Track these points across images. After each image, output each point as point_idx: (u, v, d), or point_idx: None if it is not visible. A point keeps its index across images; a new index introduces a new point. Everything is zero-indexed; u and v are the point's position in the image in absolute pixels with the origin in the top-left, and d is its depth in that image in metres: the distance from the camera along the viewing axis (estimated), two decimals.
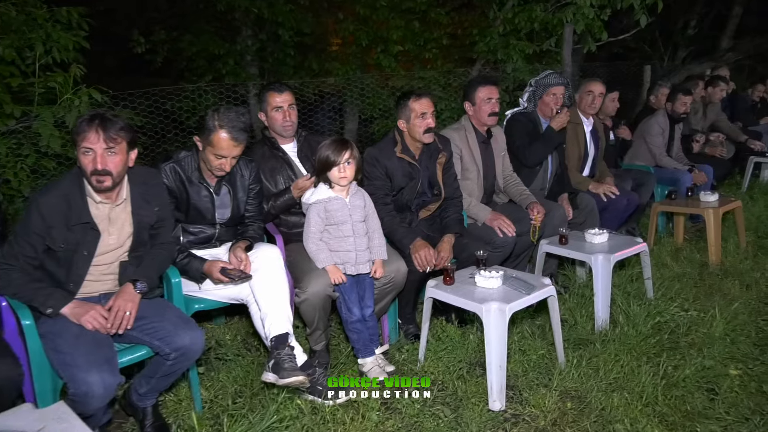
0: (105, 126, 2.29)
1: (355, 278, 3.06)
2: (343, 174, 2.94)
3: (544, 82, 4.25)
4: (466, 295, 2.89)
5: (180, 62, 8.89)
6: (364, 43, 8.64)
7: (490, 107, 3.77)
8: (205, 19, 8.84)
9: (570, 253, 3.64)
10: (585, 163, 4.73)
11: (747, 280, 4.14)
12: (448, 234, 3.47)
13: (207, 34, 8.57)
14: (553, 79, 4.24)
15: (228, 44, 8.58)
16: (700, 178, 5.39)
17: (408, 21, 8.83)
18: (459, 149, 3.79)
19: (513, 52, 7.79)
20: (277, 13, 8.38)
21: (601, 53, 11.90)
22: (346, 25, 8.68)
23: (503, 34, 7.95)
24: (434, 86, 8.28)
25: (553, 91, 4.24)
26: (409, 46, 8.97)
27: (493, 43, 8.08)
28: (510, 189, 4.09)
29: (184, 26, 8.74)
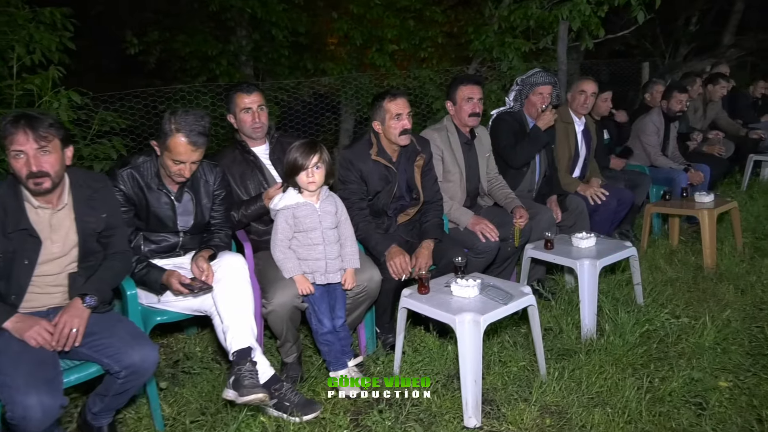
0: (32, 125, 2.13)
1: (325, 288, 2.90)
2: (312, 179, 2.78)
3: (530, 80, 4.08)
4: (441, 306, 2.73)
5: (174, 63, 8.77)
6: (358, 42, 8.47)
7: (470, 107, 3.60)
8: (199, 20, 8.70)
9: (555, 258, 3.47)
10: (575, 164, 4.55)
11: (742, 284, 3.94)
12: (427, 240, 3.30)
13: (201, 34, 8.43)
14: (541, 77, 4.06)
15: (222, 44, 8.43)
16: (696, 177, 5.19)
17: (403, 19, 8.65)
18: (440, 150, 3.62)
19: (508, 50, 7.62)
20: (270, 12, 8.24)
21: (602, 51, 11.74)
22: (341, 24, 8.50)
23: (499, 31, 7.78)
24: (429, 85, 8.11)
25: (540, 90, 4.06)
26: (405, 44, 8.81)
27: (488, 41, 7.91)
28: (495, 192, 3.92)
29: (179, 27, 8.59)
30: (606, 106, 4.98)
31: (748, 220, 5.30)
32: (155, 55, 8.60)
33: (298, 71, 9.08)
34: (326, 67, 8.70)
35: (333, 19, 8.65)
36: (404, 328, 2.98)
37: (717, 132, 6.32)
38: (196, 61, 8.50)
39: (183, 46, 8.29)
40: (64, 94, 4.47)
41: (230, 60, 8.54)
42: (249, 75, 8.99)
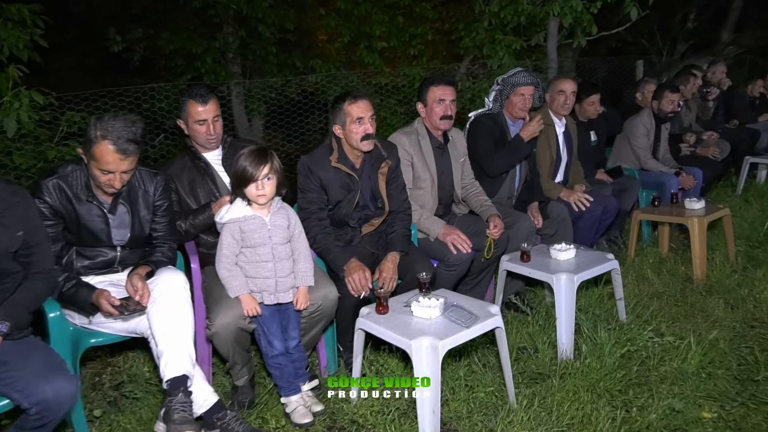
0: None
1: (276, 307, 2.65)
2: (262, 191, 2.52)
3: (512, 80, 3.81)
4: (397, 328, 2.47)
5: (159, 61, 8.51)
6: (346, 39, 8.21)
7: (442, 109, 3.34)
8: (184, 17, 8.43)
9: (531, 272, 3.21)
10: (557, 169, 4.29)
11: (733, 298, 3.68)
12: (392, 252, 3.05)
13: (186, 31, 8.17)
14: (522, 77, 3.79)
15: (206, 42, 8.17)
16: (687, 181, 4.93)
17: (392, 16, 8.38)
18: (409, 155, 3.36)
19: (498, 47, 7.37)
20: (256, 8, 7.97)
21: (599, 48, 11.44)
22: (328, 20, 8.24)
23: (489, 28, 7.52)
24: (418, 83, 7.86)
25: (522, 90, 3.79)
26: (394, 41, 8.55)
27: (479, 38, 7.65)
28: (470, 199, 3.66)
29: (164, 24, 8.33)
30: (593, 110, 4.70)
31: (742, 226, 5.04)
32: (139, 53, 8.32)
33: (286, 69, 8.82)
34: (315, 64, 8.45)
35: (321, 16, 8.38)
36: (362, 350, 2.73)
37: (711, 133, 6.04)
38: (180, 59, 8.24)
39: (167, 43, 8.03)
40: (25, 94, 4.23)
41: (216, 58, 8.27)
42: (236, 73, 8.73)
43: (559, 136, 4.25)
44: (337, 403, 2.74)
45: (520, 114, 3.83)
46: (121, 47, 8.01)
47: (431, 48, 9.09)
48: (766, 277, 3.88)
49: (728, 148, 6.26)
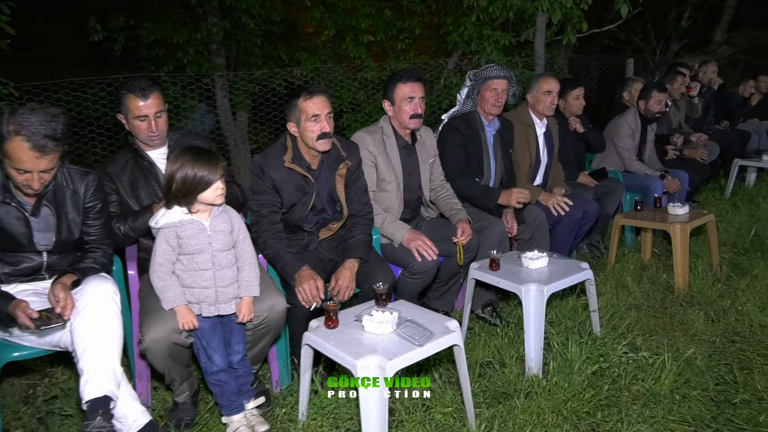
0: None
1: (218, 319, 2.42)
2: (221, 191, 2.31)
3: (483, 74, 3.57)
4: (344, 345, 2.25)
5: (141, 51, 8.24)
6: (331, 32, 7.95)
7: (411, 107, 3.10)
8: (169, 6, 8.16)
9: (499, 281, 2.98)
10: (536, 171, 4.05)
11: (714, 310, 3.46)
12: (350, 259, 2.82)
13: (169, 21, 7.89)
14: (494, 71, 3.56)
15: (188, 32, 7.90)
16: (672, 185, 4.70)
17: (379, 9, 8.12)
18: (373, 156, 3.13)
19: (486, 42, 7.12)
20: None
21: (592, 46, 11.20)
22: (314, 12, 7.97)
23: (478, 23, 7.28)
24: None
25: (494, 84, 3.56)
26: (381, 35, 8.29)
27: (467, 33, 7.42)
28: (439, 202, 3.43)
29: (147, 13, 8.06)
30: (578, 104, 4.47)
31: (728, 231, 4.82)
32: (121, 43, 8.04)
33: (272, 62, 8.56)
34: (300, 57, 8.19)
35: (306, 7, 8.11)
36: (310, 366, 2.50)
37: (700, 134, 5.81)
38: (162, 49, 7.97)
39: (148, 33, 7.77)
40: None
41: (198, 48, 8.00)
42: (220, 64, 8.47)
43: (539, 137, 4.02)
44: (284, 423, 2.52)
45: (493, 110, 3.59)
46: (101, 36, 7.72)
47: (419, 43, 8.83)
48: (749, 288, 3.66)
49: (717, 150, 6.04)
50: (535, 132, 3.99)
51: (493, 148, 3.67)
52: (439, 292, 3.43)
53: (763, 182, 6.34)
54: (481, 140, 3.62)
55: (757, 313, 3.34)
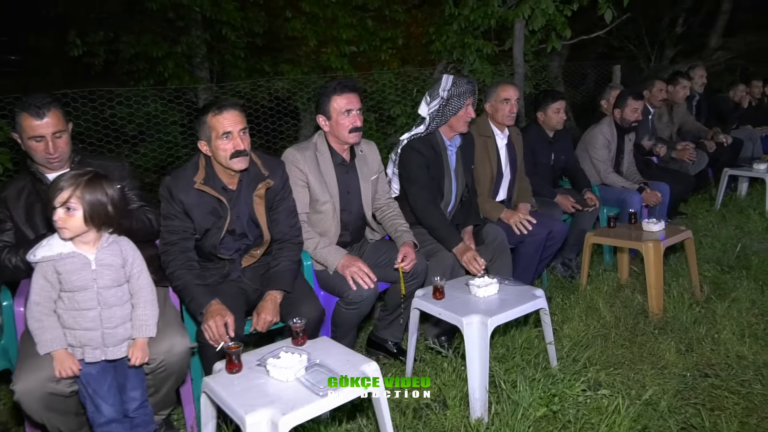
0: None
1: (108, 364, 2.11)
2: (61, 224, 1.98)
3: (458, 91, 3.15)
4: (239, 395, 1.93)
5: (122, 66, 8.03)
6: (312, 42, 7.68)
7: (350, 121, 2.79)
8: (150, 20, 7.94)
9: (441, 312, 2.64)
10: (499, 186, 3.72)
11: (689, 337, 3.10)
12: (272, 291, 2.50)
13: (149, 35, 7.67)
14: (470, 85, 3.19)
15: (168, 45, 7.67)
16: (651, 198, 4.34)
17: (361, 18, 7.84)
18: (304, 175, 2.81)
19: (469, 51, 6.83)
20: (222, 11, 7.48)
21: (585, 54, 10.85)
22: (294, 23, 7.71)
23: (460, 32, 6.99)
24: (389, 89, 7.34)
25: (469, 101, 3.21)
26: (365, 45, 8.01)
27: (450, 42, 7.13)
28: (385, 222, 3.11)
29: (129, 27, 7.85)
30: (558, 118, 4.11)
31: (714, 246, 4.45)
32: (101, 57, 7.82)
33: (256, 74, 8.31)
34: (282, 69, 7.94)
35: (287, 18, 7.85)
36: (213, 416, 2.18)
37: (686, 144, 5.44)
38: (143, 63, 7.75)
39: (128, 47, 7.56)
40: None
41: (179, 62, 7.77)
42: (203, 78, 8.24)
43: (500, 149, 3.68)
44: None
45: (464, 128, 3.26)
46: (81, 51, 7.52)
47: (403, 52, 8.54)
48: (729, 312, 3.30)
49: (705, 159, 5.67)
50: (496, 144, 3.66)
51: (455, 167, 3.34)
52: (387, 321, 3.11)
53: (755, 192, 5.94)
54: (443, 161, 3.28)
55: (734, 342, 2.98)
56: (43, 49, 10.15)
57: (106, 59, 7.81)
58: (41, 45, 10.08)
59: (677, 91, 5.42)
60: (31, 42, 10.17)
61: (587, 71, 9.40)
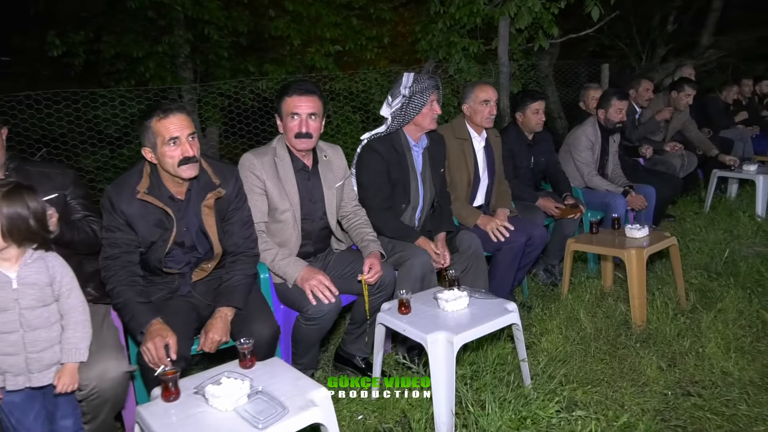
0: None
1: (34, 391, 1.92)
2: None
3: (421, 87, 3.00)
4: (173, 428, 1.74)
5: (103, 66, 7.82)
6: (296, 42, 7.48)
7: (296, 125, 2.59)
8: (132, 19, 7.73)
9: (405, 329, 2.45)
10: (476, 190, 3.54)
11: (672, 351, 2.92)
12: (222, 308, 2.31)
13: (131, 34, 7.46)
14: (432, 82, 3.03)
15: (150, 45, 7.46)
16: (636, 201, 4.16)
17: (346, 17, 7.64)
18: (261, 182, 2.62)
19: (454, 50, 6.64)
20: (204, 10, 7.27)
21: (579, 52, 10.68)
22: (278, 23, 7.50)
23: (446, 30, 6.81)
24: (375, 89, 7.16)
25: (433, 98, 3.04)
26: (350, 45, 7.81)
27: (435, 40, 6.94)
28: (351, 231, 2.92)
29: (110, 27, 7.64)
30: (537, 119, 3.91)
31: (701, 251, 4.27)
32: (82, 58, 7.62)
33: (240, 74, 8.11)
34: (266, 69, 7.75)
35: (271, 17, 7.64)
36: None
37: (675, 144, 5.26)
38: (123, 64, 7.55)
39: (108, 47, 7.35)
40: None
41: (160, 62, 7.56)
42: (187, 78, 8.03)
43: (477, 152, 3.50)
44: None
45: (432, 125, 3.08)
46: (61, 51, 7.31)
47: (390, 52, 8.35)
48: (715, 323, 3.11)
49: (695, 161, 5.49)
50: (473, 146, 3.47)
51: (422, 169, 3.15)
52: (354, 335, 2.92)
53: (746, 193, 5.76)
54: (408, 162, 3.10)
55: (719, 356, 2.80)
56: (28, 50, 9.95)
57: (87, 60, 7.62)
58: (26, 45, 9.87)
59: (680, 98, 5.17)
60: (15, 43, 9.96)
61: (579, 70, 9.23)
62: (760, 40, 9.45)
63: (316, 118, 2.59)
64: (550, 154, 4.12)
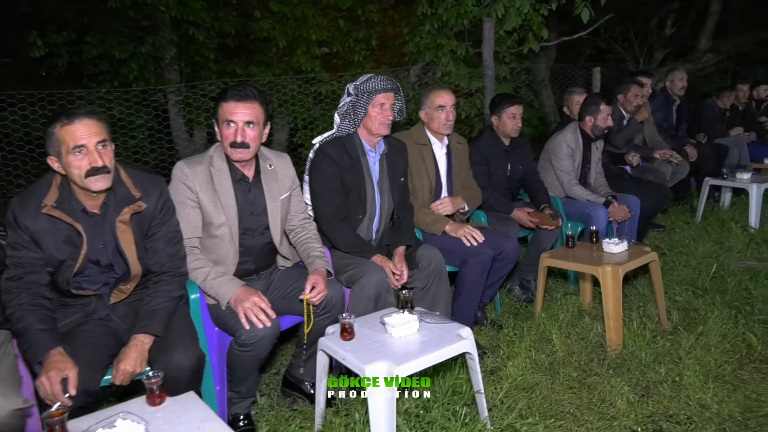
0: None
1: None
2: None
3: (366, 87, 2.80)
4: None
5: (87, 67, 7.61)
6: (281, 43, 7.25)
7: (231, 133, 2.34)
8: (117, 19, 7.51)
9: (345, 357, 2.19)
10: (439, 197, 3.29)
11: (647, 380, 2.65)
12: (140, 334, 2.06)
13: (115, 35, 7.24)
14: (379, 83, 2.80)
15: (133, 46, 7.24)
16: (619, 212, 3.89)
17: (332, 19, 7.40)
18: (194, 193, 2.37)
19: (441, 52, 6.40)
20: (188, 11, 7.05)
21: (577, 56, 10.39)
22: (262, 24, 7.27)
23: (434, 32, 6.56)
24: None
25: (380, 99, 2.81)
26: (338, 47, 7.57)
27: (423, 43, 6.70)
28: (298, 246, 2.68)
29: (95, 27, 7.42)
30: (513, 124, 3.66)
31: (689, 264, 3.99)
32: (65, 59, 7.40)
33: (227, 76, 7.88)
34: (252, 71, 7.52)
35: (256, 19, 7.41)
36: None
37: (665, 151, 4.98)
38: (106, 65, 7.33)
39: (90, 48, 7.13)
40: None
41: (143, 63, 7.34)
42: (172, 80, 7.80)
43: (438, 158, 3.26)
44: None
45: (381, 130, 2.83)
46: (43, 52, 7.10)
47: (379, 54, 8.10)
48: (695, 348, 2.84)
49: (686, 168, 5.21)
50: (433, 152, 3.23)
51: (378, 177, 2.90)
52: (302, 359, 2.66)
53: (740, 202, 5.47)
54: (363, 168, 2.85)
55: (697, 387, 2.53)
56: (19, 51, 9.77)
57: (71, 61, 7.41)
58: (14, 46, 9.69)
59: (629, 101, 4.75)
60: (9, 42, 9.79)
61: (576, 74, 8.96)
62: (760, 43, 9.15)
63: (255, 127, 2.34)
64: (528, 162, 3.85)
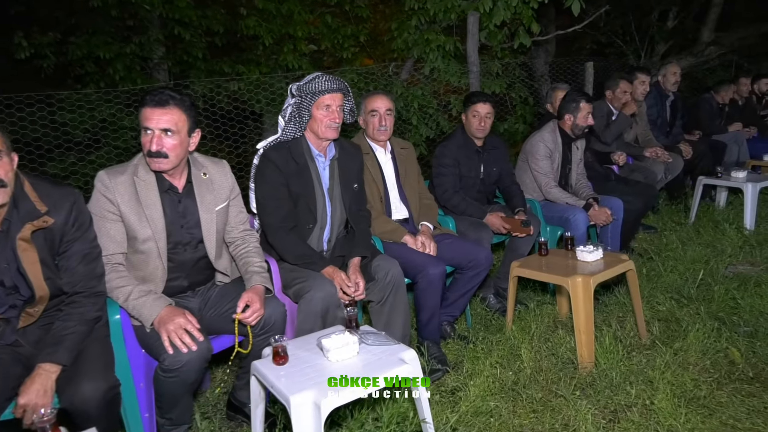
0: None
1: None
2: None
3: (310, 88, 2.58)
4: None
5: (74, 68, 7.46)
6: (267, 41, 7.05)
7: (146, 141, 2.13)
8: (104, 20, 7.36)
9: (273, 384, 1.98)
10: (389, 206, 3.07)
11: (615, 403, 2.42)
12: (45, 363, 1.87)
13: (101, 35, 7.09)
14: (324, 83, 2.58)
15: (119, 46, 7.08)
16: (600, 216, 3.63)
17: (320, 15, 7.18)
18: (115, 206, 2.17)
19: (429, 48, 6.18)
20: (174, 10, 6.88)
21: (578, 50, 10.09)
22: (248, 21, 7.07)
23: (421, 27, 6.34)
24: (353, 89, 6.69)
25: (326, 101, 2.59)
26: (326, 44, 7.36)
27: (411, 38, 6.48)
28: (238, 260, 2.47)
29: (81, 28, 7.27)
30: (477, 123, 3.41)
31: (676, 270, 3.75)
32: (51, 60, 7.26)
33: (215, 75, 7.70)
34: (239, 70, 7.34)
35: (242, 16, 7.21)
36: None
37: (655, 150, 4.72)
38: (92, 66, 7.18)
39: (75, 48, 6.99)
40: None
41: (129, 63, 7.17)
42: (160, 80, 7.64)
43: (383, 164, 3.08)
44: None
45: (328, 134, 2.62)
46: (28, 53, 6.96)
47: (369, 50, 7.88)
48: (671, 365, 2.60)
49: (680, 164, 4.94)
50: (377, 160, 3.05)
51: (329, 184, 2.69)
52: (244, 380, 2.46)
53: (737, 201, 5.18)
54: (311, 175, 2.64)
55: (668, 411, 2.29)
56: None
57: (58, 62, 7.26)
58: None
59: (617, 97, 4.51)
60: None
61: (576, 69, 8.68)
62: (764, 35, 8.79)
63: (174, 135, 2.13)
64: (503, 164, 3.62)
